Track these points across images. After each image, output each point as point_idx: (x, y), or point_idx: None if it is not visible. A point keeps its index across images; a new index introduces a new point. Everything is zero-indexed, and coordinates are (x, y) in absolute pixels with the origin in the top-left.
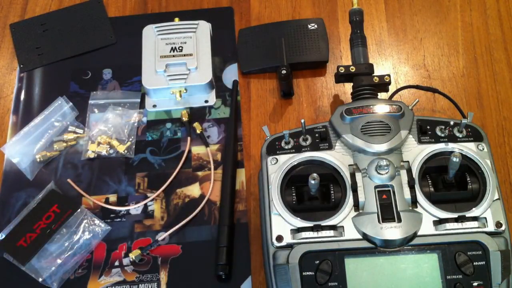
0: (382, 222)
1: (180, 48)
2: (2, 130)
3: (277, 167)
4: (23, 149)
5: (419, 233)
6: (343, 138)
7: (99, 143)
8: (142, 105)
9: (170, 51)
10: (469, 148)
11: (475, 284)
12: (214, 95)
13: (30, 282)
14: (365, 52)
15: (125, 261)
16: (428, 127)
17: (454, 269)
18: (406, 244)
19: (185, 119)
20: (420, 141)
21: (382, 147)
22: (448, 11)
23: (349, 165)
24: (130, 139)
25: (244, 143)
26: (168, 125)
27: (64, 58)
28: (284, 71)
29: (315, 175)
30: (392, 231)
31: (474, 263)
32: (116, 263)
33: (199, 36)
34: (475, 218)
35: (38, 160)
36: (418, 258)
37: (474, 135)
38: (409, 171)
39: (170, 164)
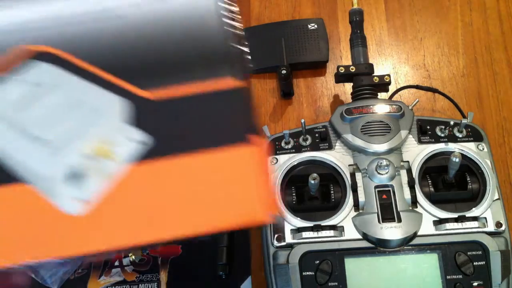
0: (382, 222)
1: None
2: None
3: (277, 167)
4: None
5: (419, 233)
6: (343, 138)
7: None
8: None
9: None
10: (469, 148)
11: (475, 284)
12: None
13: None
14: (365, 52)
15: (125, 261)
16: (428, 127)
17: (454, 269)
18: (406, 244)
19: None
20: (420, 141)
21: (382, 147)
22: (448, 11)
23: (349, 165)
24: None
25: None
26: None
27: None
28: (284, 71)
29: (315, 175)
30: (392, 231)
31: (474, 263)
32: (116, 263)
33: None
34: (475, 218)
35: None
36: (418, 258)
37: (474, 135)
38: (409, 171)
39: None
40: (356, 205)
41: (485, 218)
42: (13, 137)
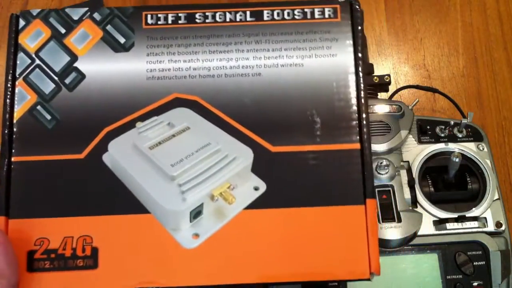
0: (382, 222)
1: None
2: None
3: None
4: None
5: (419, 233)
6: None
7: None
8: None
9: None
10: (469, 148)
11: (475, 284)
12: None
13: None
14: (365, 52)
15: None
16: (428, 127)
17: (454, 269)
18: (406, 244)
19: None
20: (420, 141)
21: (382, 147)
22: (448, 11)
23: None
24: None
25: None
26: None
27: None
28: None
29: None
30: (392, 231)
31: (474, 263)
32: None
33: None
34: (475, 218)
35: None
36: (418, 258)
37: (474, 135)
38: (409, 171)
39: None
40: None
41: (485, 218)
42: (148, 173)
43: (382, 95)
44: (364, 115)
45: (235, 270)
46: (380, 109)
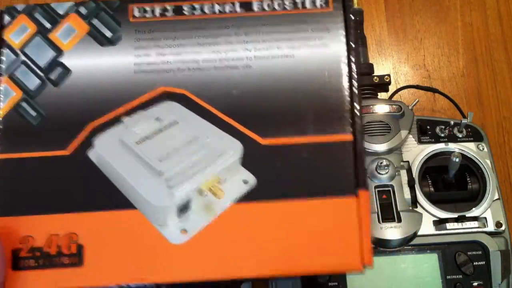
0: (382, 222)
1: None
2: None
3: None
4: None
5: (419, 233)
6: None
7: None
8: None
9: None
10: (469, 148)
11: (475, 284)
12: None
13: None
14: (365, 52)
15: None
16: (428, 127)
17: (454, 269)
18: (406, 244)
19: None
20: (420, 141)
21: (382, 147)
22: (448, 11)
23: None
24: None
25: None
26: None
27: None
28: None
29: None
30: (392, 231)
31: (474, 263)
32: None
33: None
34: (475, 218)
35: None
36: (418, 258)
37: (474, 135)
38: (409, 171)
39: None
40: None
41: (485, 218)
42: (135, 168)
43: (382, 95)
44: (356, 106)
45: (226, 264)
46: (380, 109)
